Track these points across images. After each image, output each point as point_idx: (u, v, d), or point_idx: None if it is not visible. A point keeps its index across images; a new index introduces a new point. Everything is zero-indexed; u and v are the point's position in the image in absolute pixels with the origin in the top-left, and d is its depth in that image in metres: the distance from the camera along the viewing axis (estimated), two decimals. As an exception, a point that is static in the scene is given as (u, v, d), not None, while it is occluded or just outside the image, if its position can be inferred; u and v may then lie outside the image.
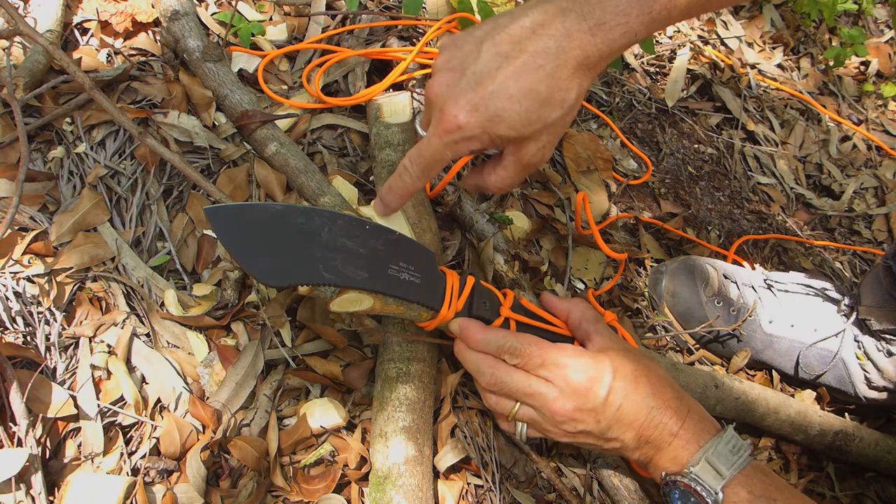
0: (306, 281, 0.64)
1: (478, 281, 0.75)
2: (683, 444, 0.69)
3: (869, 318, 0.99)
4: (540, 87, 0.61)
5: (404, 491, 0.69)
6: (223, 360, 0.81)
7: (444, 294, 0.72)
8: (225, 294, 0.84)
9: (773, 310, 1.03)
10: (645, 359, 0.74)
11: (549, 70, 0.61)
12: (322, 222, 0.65)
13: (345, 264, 0.65)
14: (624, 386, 0.70)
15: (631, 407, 0.69)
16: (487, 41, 0.63)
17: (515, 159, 0.67)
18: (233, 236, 0.62)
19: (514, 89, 0.61)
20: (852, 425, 0.97)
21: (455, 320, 0.74)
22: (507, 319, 0.75)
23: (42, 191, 0.87)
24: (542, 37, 0.61)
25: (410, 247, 0.71)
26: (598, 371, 0.70)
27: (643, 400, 0.70)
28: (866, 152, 1.57)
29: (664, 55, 1.50)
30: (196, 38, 1.00)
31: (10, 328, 0.76)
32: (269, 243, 0.62)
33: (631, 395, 0.70)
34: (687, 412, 0.70)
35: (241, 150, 0.97)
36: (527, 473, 0.84)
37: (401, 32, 1.16)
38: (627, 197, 1.22)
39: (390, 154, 0.95)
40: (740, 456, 0.67)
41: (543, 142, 0.66)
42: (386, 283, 0.68)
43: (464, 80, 0.62)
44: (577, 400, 0.69)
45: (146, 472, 0.72)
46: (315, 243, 0.64)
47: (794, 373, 1.04)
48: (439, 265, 0.75)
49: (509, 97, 0.61)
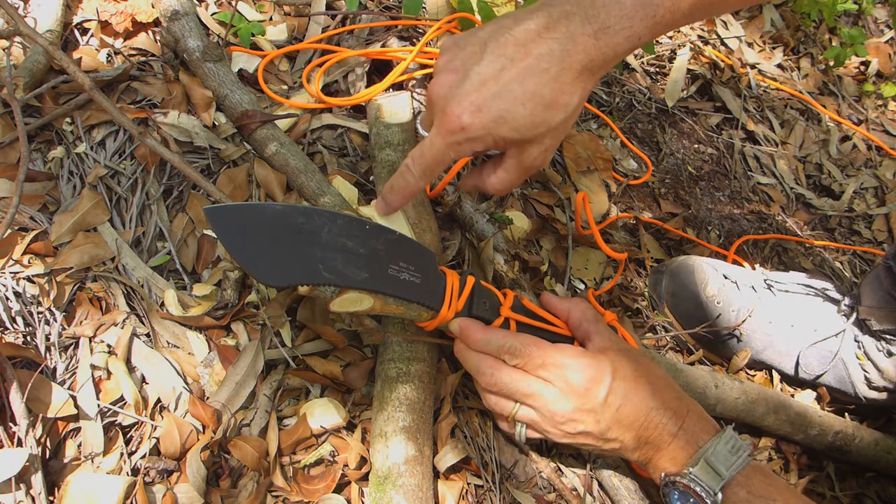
0: (306, 281, 0.64)
1: (478, 281, 0.75)
2: (682, 444, 0.69)
3: (869, 319, 0.99)
4: (544, 91, 0.61)
5: (404, 491, 0.69)
6: (223, 360, 0.81)
7: (444, 294, 0.72)
8: (225, 294, 0.84)
9: (772, 310, 1.03)
10: (645, 359, 0.74)
11: (554, 73, 0.61)
12: (322, 222, 0.65)
13: (345, 264, 0.65)
14: (623, 386, 0.70)
15: (630, 408, 0.69)
16: (491, 43, 0.63)
17: (517, 162, 0.67)
18: (233, 236, 0.61)
19: (519, 91, 0.61)
20: (852, 425, 0.97)
21: (455, 320, 0.73)
22: (508, 319, 0.75)
23: (42, 191, 0.87)
24: (546, 40, 0.61)
25: (411, 247, 0.71)
26: (597, 371, 0.70)
27: (642, 401, 0.70)
28: (866, 152, 1.57)
29: (664, 55, 1.50)
30: (196, 38, 1.00)
31: (10, 328, 0.76)
32: (268, 243, 0.62)
33: (630, 395, 0.70)
34: (686, 412, 0.70)
35: (241, 150, 0.97)
36: (527, 473, 0.84)
37: (401, 32, 1.16)
38: (627, 197, 1.22)
39: (390, 154, 0.95)
40: (739, 456, 0.67)
41: (546, 145, 0.66)
42: (386, 283, 0.68)
43: (467, 81, 0.62)
44: (577, 400, 0.69)
45: (146, 472, 0.72)
46: (315, 243, 0.64)
47: (794, 373, 1.04)
48: (439, 265, 0.75)
49: (513, 99, 0.61)
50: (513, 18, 0.63)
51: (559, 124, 0.64)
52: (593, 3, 0.61)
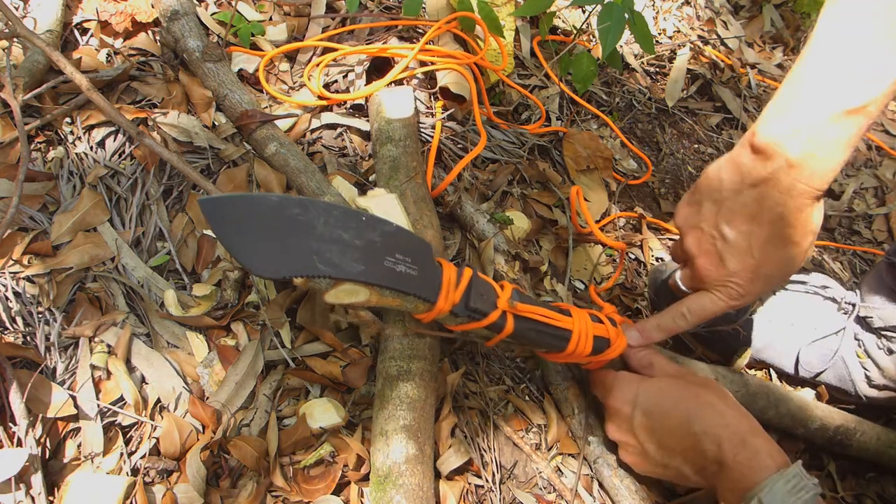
0: (301, 273, 0.63)
1: (475, 273, 0.74)
2: (737, 477, 0.64)
3: (870, 316, 0.99)
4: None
5: (405, 490, 0.69)
6: (223, 360, 0.81)
7: (440, 286, 0.72)
8: (225, 294, 0.84)
9: (772, 308, 1.03)
10: (693, 386, 0.75)
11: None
12: (318, 213, 0.64)
13: (340, 256, 0.64)
14: (657, 410, 0.73)
15: (664, 433, 0.72)
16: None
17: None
18: (226, 227, 0.60)
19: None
20: (854, 419, 0.97)
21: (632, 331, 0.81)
22: (505, 313, 0.75)
23: (42, 191, 0.87)
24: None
25: (407, 238, 0.70)
26: (628, 394, 0.76)
27: (680, 426, 0.70)
28: (866, 152, 1.57)
29: (664, 55, 1.50)
30: (196, 38, 1.00)
31: (10, 328, 0.76)
32: (263, 235, 0.61)
33: (664, 420, 0.72)
34: (740, 443, 0.66)
35: (241, 150, 0.97)
36: (527, 473, 0.84)
37: (401, 33, 1.16)
38: (627, 197, 1.22)
39: (392, 149, 0.95)
40: (799, 498, 0.60)
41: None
42: (382, 275, 0.67)
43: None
44: (615, 421, 0.76)
45: (146, 472, 0.72)
46: (310, 235, 0.63)
47: (795, 371, 1.03)
48: (436, 257, 0.74)
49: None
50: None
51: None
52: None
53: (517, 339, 0.76)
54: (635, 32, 1.15)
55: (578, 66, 1.21)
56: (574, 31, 1.37)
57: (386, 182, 0.92)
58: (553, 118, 1.23)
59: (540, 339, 0.76)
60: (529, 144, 1.14)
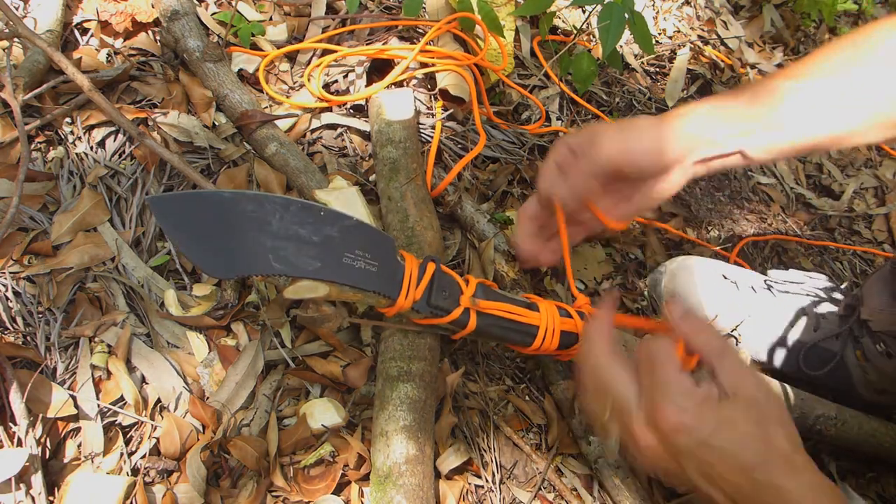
0: (255, 272, 0.62)
1: (438, 268, 0.73)
2: None
3: (870, 320, 0.99)
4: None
5: (405, 490, 0.69)
6: (223, 360, 0.81)
7: (402, 282, 0.70)
8: (225, 294, 0.84)
9: (772, 311, 1.03)
10: (773, 421, 0.59)
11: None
12: (273, 209, 0.62)
13: (296, 254, 0.63)
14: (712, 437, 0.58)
15: (721, 470, 0.57)
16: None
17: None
18: (177, 227, 0.59)
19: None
20: (834, 408, 0.95)
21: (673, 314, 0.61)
22: (468, 310, 0.73)
23: (42, 191, 0.87)
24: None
25: (368, 233, 0.68)
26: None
27: (742, 472, 0.56)
28: (866, 152, 1.57)
29: (664, 55, 1.50)
30: (196, 38, 1.00)
31: (10, 328, 0.76)
32: (216, 233, 0.60)
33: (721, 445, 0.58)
34: (770, 471, 0.55)
35: (241, 150, 0.97)
36: (527, 473, 0.84)
37: (401, 33, 1.16)
38: (627, 197, 1.22)
39: (392, 151, 0.95)
40: None
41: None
42: (339, 273, 0.65)
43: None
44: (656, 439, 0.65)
45: (146, 472, 0.72)
46: (265, 232, 0.62)
47: (795, 372, 1.03)
48: (400, 250, 0.72)
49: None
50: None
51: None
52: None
53: (481, 336, 0.75)
54: (635, 32, 1.15)
55: (578, 66, 1.21)
56: (574, 31, 1.37)
57: (386, 184, 0.93)
58: (553, 118, 1.23)
59: (505, 335, 0.75)
60: (529, 144, 1.14)
